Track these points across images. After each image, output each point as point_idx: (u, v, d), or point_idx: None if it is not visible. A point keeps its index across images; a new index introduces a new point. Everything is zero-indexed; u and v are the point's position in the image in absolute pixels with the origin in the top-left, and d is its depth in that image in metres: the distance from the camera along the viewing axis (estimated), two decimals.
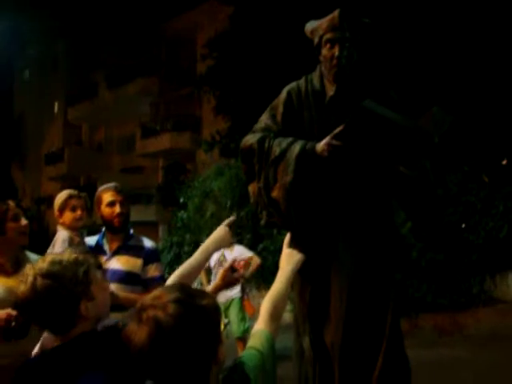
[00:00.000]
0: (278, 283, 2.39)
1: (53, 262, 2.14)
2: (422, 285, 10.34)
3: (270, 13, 15.04)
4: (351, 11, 3.48)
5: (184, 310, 1.65)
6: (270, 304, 2.25)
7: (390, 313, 3.33)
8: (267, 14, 15.18)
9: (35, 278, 2.08)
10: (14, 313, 3.51)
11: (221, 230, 2.86)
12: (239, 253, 8.64)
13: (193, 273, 2.71)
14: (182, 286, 1.80)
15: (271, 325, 2.17)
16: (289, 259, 2.51)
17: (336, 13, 3.42)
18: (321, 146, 3.32)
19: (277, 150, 3.45)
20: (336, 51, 3.40)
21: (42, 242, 18.90)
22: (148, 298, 1.72)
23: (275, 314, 2.23)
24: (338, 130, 3.23)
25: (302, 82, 3.67)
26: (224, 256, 8.53)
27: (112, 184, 4.47)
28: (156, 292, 1.74)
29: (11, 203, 3.83)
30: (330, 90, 3.54)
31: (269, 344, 2.06)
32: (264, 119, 3.69)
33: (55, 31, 34.17)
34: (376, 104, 3.14)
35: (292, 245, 2.63)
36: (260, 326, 2.16)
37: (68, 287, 2.10)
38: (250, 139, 3.60)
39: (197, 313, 1.67)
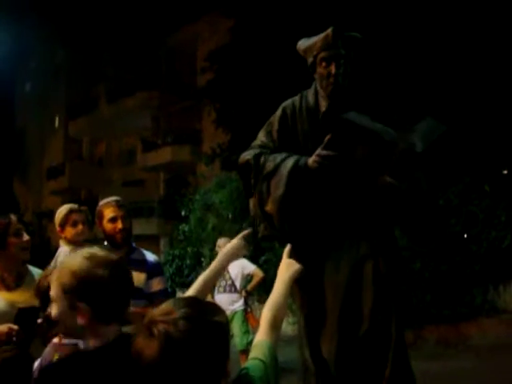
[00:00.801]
0: (275, 293, 2.39)
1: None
2: (425, 296, 10.31)
3: (271, 26, 15.07)
4: (344, 28, 3.53)
5: (195, 327, 1.64)
6: (268, 314, 2.25)
7: (394, 325, 3.32)
8: (268, 27, 15.21)
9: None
10: (15, 327, 3.50)
11: (237, 240, 2.86)
12: (242, 266, 8.63)
13: (211, 282, 2.76)
14: (192, 301, 1.79)
15: (271, 334, 2.18)
16: (287, 268, 2.50)
17: (329, 31, 3.47)
18: (312, 158, 3.38)
19: (270, 165, 3.52)
20: (332, 69, 3.45)
21: (43, 256, 18.88)
22: (157, 312, 1.70)
23: (275, 324, 2.22)
24: (325, 140, 3.28)
25: (296, 98, 3.74)
26: (227, 269, 8.53)
27: (113, 198, 4.40)
28: (165, 307, 1.72)
29: (13, 218, 3.82)
30: (323, 107, 3.59)
31: (270, 353, 2.06)
32: (261, 136, 3.76)
33: (56, 44, 34.31)
34: (360, 115, 3.17)
35: (292, 255, 2.63)
36: (261, 336, 2.17)
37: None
38: (247, 155, 3.68)
39: (207, 329, 1.67)
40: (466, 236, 10.76)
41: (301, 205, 3.47)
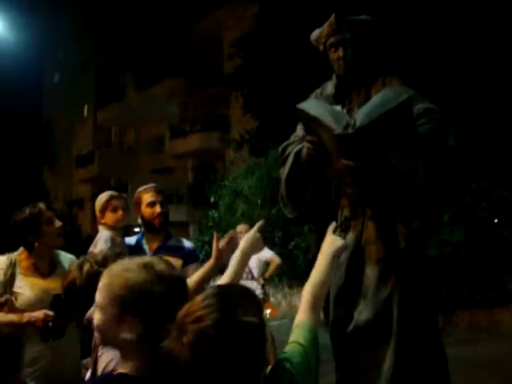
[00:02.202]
0: (316, 270, 2.28)
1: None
2: (456, 281, 10.24)
3: (296, 10, 14.99)
4: (347, 12, 3.62)
5: (225, 333, 1.62)
6: (309, 293, 2.17)
7: (396, 307, 3.20)
8: (293, 12, 15.13)
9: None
10: (50, 313, 3.56)
11: (252, 233, 2.74)
12: (259, 253, 8.60)
13: (235, 279, 2.60)
14: (224, 301, 1.70)
15: (312, 315, 2.10)
16: (330, 245, 2.39)
17: (332, 17, 3.57)
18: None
19: (286, 152, 3.71)
20: (340, 53, 3.55)
21: (74, 243, 19.06)
22: (188, 318, 1.66)
23: (315, 303, 2.14)
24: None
25: (319, 90, 3.85)
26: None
27: (151, 185, 4.53)
28: (196, 309, 1.68)
29: (42, 206, 3.84)
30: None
31: (311, 336, 2.00)
32: (297, 128, 3.90)
33: (84, 34, 34.46)
34: (317, 101, 3.27)
35: (335, 231, 2.55)
36: (300, 317, 2.10)
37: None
38: (281, 145, 3.84)
39: (238, 333, 1.63)
40: (496, 221, 10.66)
41: (303, 187, 3.60)
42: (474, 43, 12.50)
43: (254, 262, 8.45)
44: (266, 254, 8.63)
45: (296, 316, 2.12)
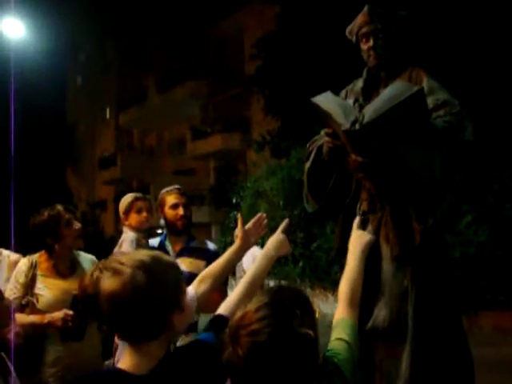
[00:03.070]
0: (349, 268, 2.30)
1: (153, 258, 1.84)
2: (479, 281, 10.12)
3: (317, 11, 14.95)
4: (380, 5, 3.59)
5: (281, 347, 1.62)
6: (345, 291, 2.19)
7: (412, 305, 3.12)
8: (314, 12, 15.10)
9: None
10: (70, 313, 3.58)
11: (278, 237, 2.63)
12: (253, 255, 8.44)
13: (258, 280, 2.51)
14: (278, 309, 1.69)
15: (352, 312, 2.13)
16: (358, 241, 2.42)
17: (365, 9, 3.56)
18: None
19: (311, 146, 3.68)
20: (371, 43, 3.52)
21: (97, 245, 19.10)
22: (242, 328, 1.66)
23: (352, 300, 2.17)
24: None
25: (350, 85, 3.81)
26: (241, 262, 8.40)
27: (175, 186, 4.53)
28: (250, 322, 1.66)
29: (60, 208, 3.85)
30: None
31: (353, 332, 2.03)
32: None
33: (105, 36, 34.68)
34: (332, 95, 3.20)
35: (361, 227, 2.51)
36: (340, 314, 2.12)
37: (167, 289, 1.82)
38: (311, 140, 3.80)
39: (295, 345, 1.63)
40: None
41: (324, 181, 3.59)
42: (503, 39, 12.39)
43: (248, 261, 8.35)
44: (259, 252, 8.46)
45: (335, 314, 2.14)
